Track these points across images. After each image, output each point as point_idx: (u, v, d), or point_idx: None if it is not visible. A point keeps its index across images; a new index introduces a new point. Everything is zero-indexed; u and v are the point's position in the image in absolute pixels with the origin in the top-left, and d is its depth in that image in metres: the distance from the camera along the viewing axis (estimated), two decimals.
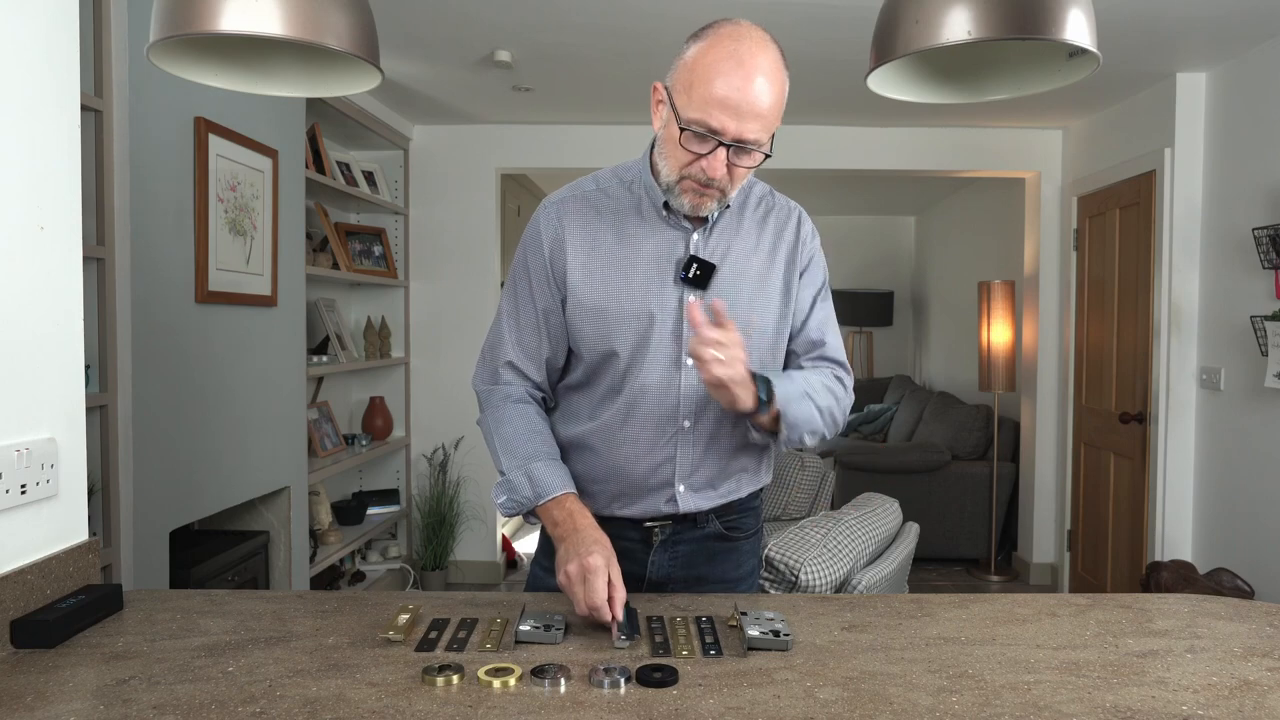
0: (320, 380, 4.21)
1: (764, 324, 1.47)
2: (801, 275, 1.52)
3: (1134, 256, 4.00)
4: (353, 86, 1.38)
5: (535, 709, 1.00)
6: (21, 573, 1.24)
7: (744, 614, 1.24)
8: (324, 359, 3.87)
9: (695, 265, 1.41)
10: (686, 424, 1.45)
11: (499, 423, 1.47)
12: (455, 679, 1.07)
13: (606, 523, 1.43)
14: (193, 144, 2.60)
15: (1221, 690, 1.06)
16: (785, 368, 1.54)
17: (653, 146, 1.44)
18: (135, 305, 2.34)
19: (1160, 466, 3.77)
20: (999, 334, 5.06)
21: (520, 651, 1.17)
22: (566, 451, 1.50)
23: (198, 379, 2.65)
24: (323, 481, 3.97)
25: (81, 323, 1.40)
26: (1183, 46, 3.34)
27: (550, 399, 1.57)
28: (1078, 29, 1.16)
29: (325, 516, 3.88)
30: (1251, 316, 3.22)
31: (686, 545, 1.52)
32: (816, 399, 1.43)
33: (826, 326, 1.55)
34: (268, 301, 3.02)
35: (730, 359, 1.26)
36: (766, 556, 1.96)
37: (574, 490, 1.41)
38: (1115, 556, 4.19)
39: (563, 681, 1.07)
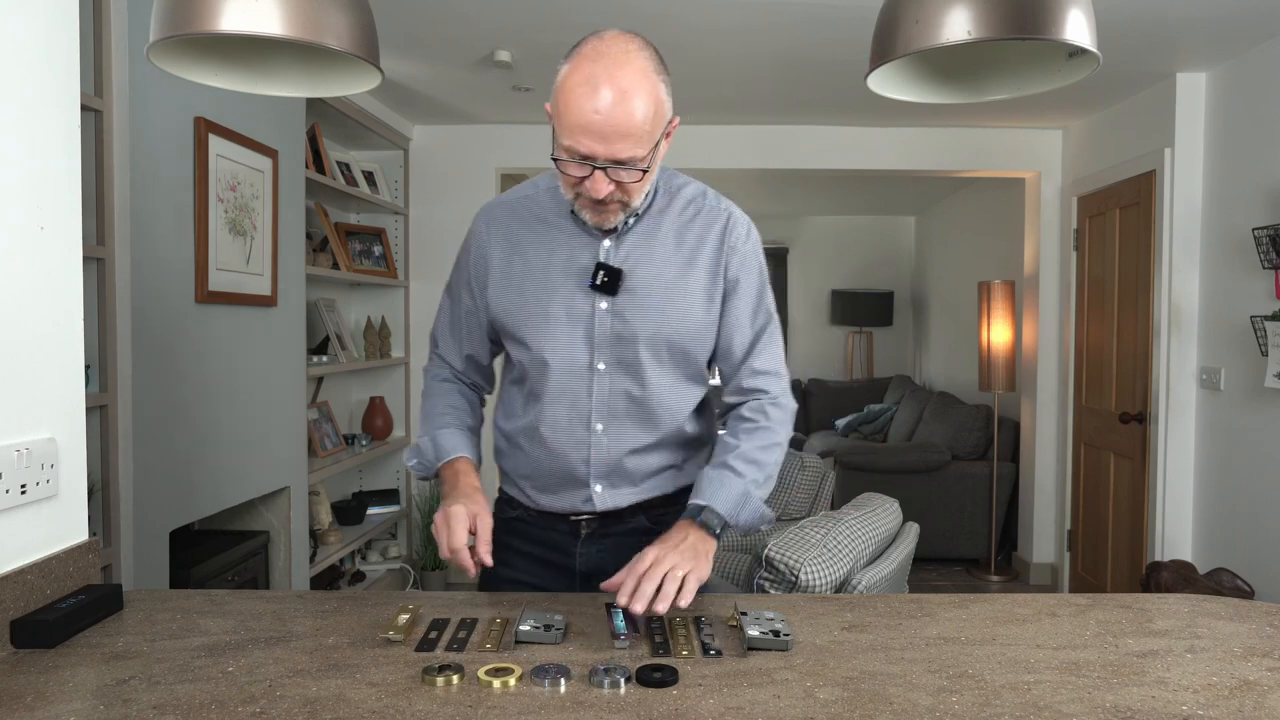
0: (320, 380, 4.21)
1: (678, 330, 1.46)
2: (731, 285, 1.50)
3: (1134, 256, 4.00)
4: (353, 86, 1.38)
5: (535, 709, 1.00)
6: (21, 573, 1.24)
7: (744, 614, 1.24)
8: (324, 359, 3.87)
9: (602, 272, 1.43)
10: (599, 427, 1.48)
11: (424, 397, 1.61)
12: (455, 679, 1.07)
13: (537, 516, 1.54)
14: (193, 144, 2.60)
15: (1221, 690, 1.06)
16: (721, 380, 1.57)
17: None
18: (135, 305, 2.34)
19: (1160, 466, 3.77)
20: (999, 334, 5.06)
21: (520, 651, 1.17)
22: (506, 445, 1.59)
23: (198, 379, 2.65)
24: (323, 481, 3.97)
25: (81, 323, 1.40)
26: (1183, 46, 3.34)
27: (485, 387, 1.67)
28: (1078, 29, 1.16)
29: (325, 516, 3.88)
30: (1251, 316, 3.22)
31: (614, 539, 1.56)
32: (758, 489, 1.45)
33: (760, 341, 1.53)
34: (268, 301, 3.02)
35: (677, 571, 1.25)
36: (766, 556, 1.96)
37: (470, 456, 1.50)
38: (1115, 556, 4.19)
39: (563, 681, 1.07)
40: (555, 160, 1.32)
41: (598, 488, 1.51)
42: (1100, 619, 1.33)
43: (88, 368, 2.16)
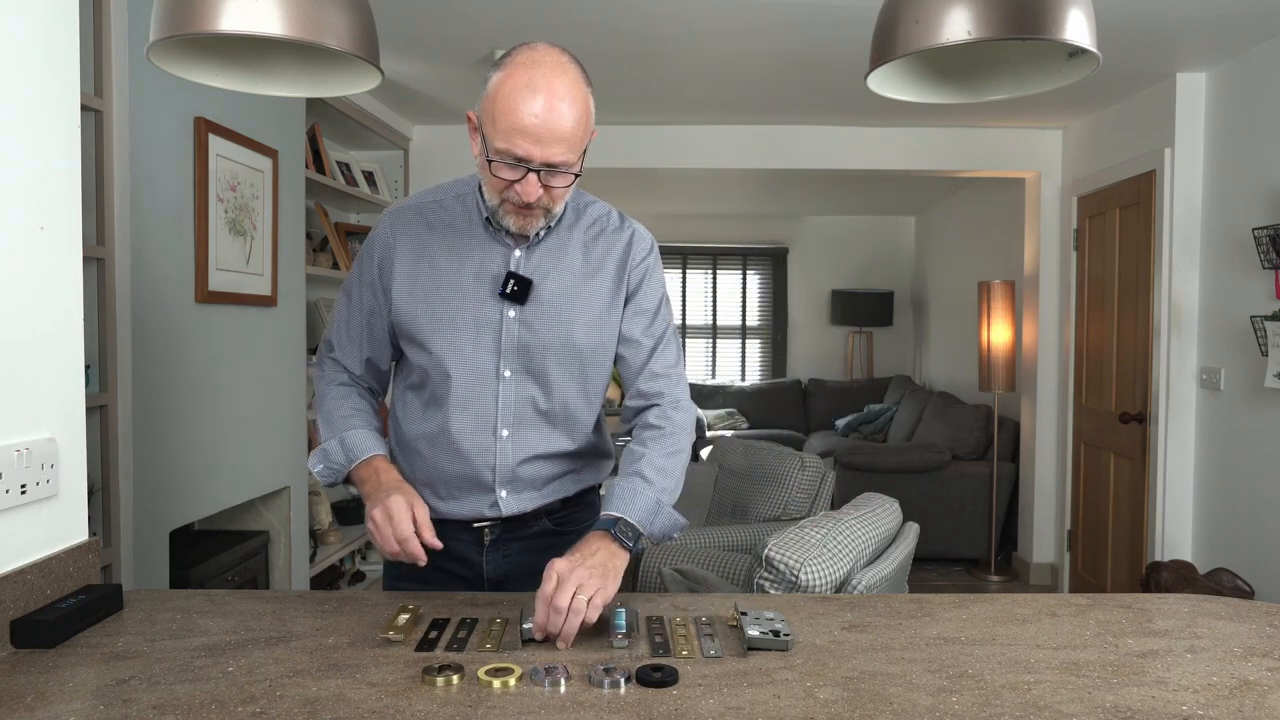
0: None
1: (584, 340, 1.50)
2: (631, 298, 1.54)
3: (1134, 256, 4.00)
4: (353, 86, 1.38)
5: (535, 709, 1.00)
6: (21, 573, 1.24)
7: (744, 614, 1.24)
8: None
9: (513, 281, 1.45)
10: (505, 433, 1.49)
11: (321, 400, 1.57)
12: (455, 679, 1.07)
13: (439, 524, 1.49)
14: (193, 144, 2.60)
15: (1221, 690, 1.06)
16: (623, 385, 1.59)
17: None
18: (135, 305, 2.34)
19: (1160, 466, 3.77)
20: (999, 334, 5.06)
21: (520, 652, 1.18)
22: (401, 451, 1.57)
23: (198, 379, 2.65)
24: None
25: (81, 323, 1.40)
26: (1183, 46, 3.34)
27: (380, 392, 1.64)
28: (1078, 29, 1.16)
29: (325, 516, 3.88)
30: (1251, 316, 3.22)
31: (519, 543, 1.57)
32: (668, 496, 1.45)
33: (659, 347, 1.56)
34: (268, 301, 3.02)
35: (587, 586, 1.23)
36: (766, 556, 1.96)
37: (384, 453, 1.48)
38: (1115, 556, 4.19)
39: (563, 681, 1.07)
40: (490, 162, 1.34)
41: (503, 493, 1.52)
42: (1100, 619, 1.33)
43: (88, 368, 2.16)
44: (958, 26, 1.16)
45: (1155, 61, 3.53)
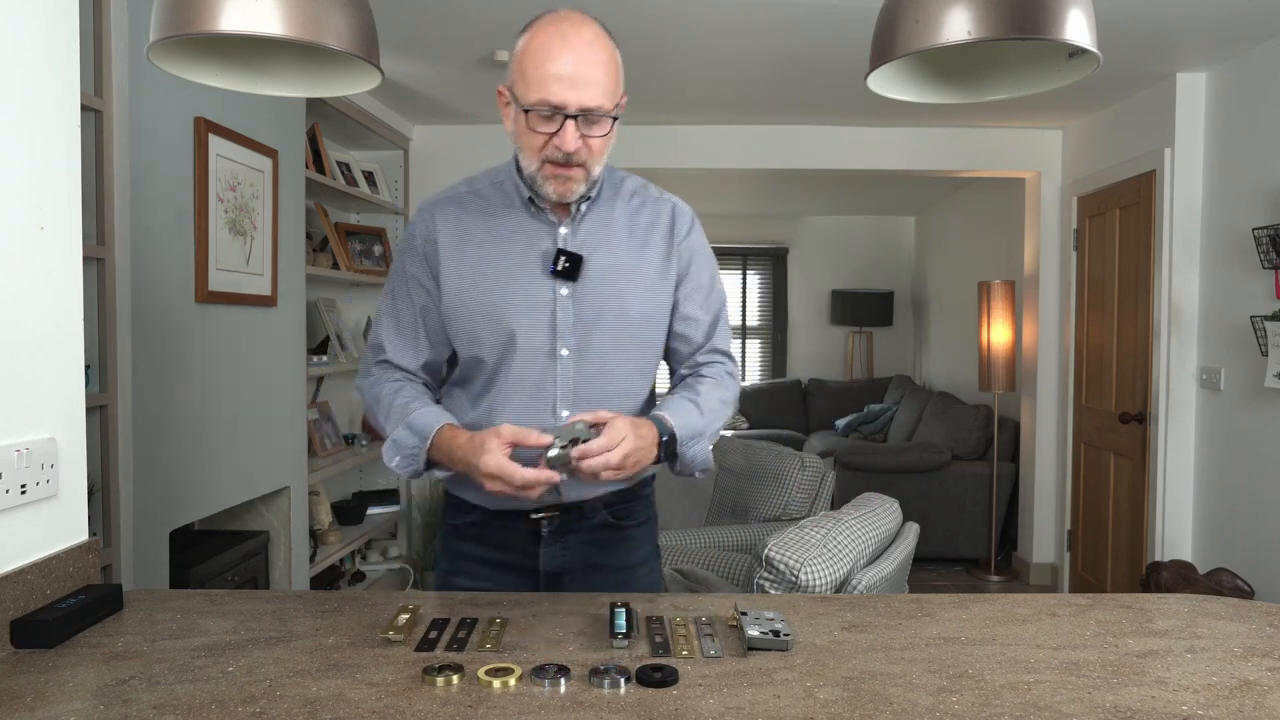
0: (320, 380, 4.21)
1: (638, 312, 1.49)
2: (684, 271, 1.54)
3: (1134, 256, 4.00)
4: (353, 86, 1.38)
5: (535, 709, 1.00)
6: (21, 573, 1.24)
7: (744, 614, 1.24)
8: (324, 359, 3.87)
9: (563, 258, 1.44)
10: (565, 414, 1.47)
11: (377, 400, 1.52)
12: (455, 679, 1.07)
13: (494, 518, 1.50)
14: (193, 144, 2.60)
15: (1221, 690, 1.06)
16: (674, 363, 1.60)
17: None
18: (135, 305, 2.34)
19: (1160, 466, 3.77)
20: (999, 334, 5.06)
21: (520, 652, 1.18)
22: None
23: (198, 379, 2.65)
24: (323, 481, 3.97)
25: (81, 323, 1.40)
26: (1183, 46, 3.34)
27: (437, 391, 1.60)
28: (1078, 29, 1.16)
29: (325, 516, 3.88)
30: (1251, 316, 3.22)
31: (576, 535, 1.55)
32: (711, 431, 1.48)
33: (718, 324, 1.58)
34: (268, 301, 3.02)
35: (628, 461, 1.30)
36: (766, 556, 1.96)
37: (451, 421, 1.45)
38: (1115, 556, 4.19)
39: (563, 681, 1.07)
40: (526, 114, 1.35)
41: (563, 477, 1.48)
42: (1100, 619, 1.33)
43: (88, 368, 2.16)
44: (958, 26, 1.16)
45: (1155, 61, 3.53)
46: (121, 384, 2.28)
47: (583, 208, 1.48)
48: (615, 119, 1.38)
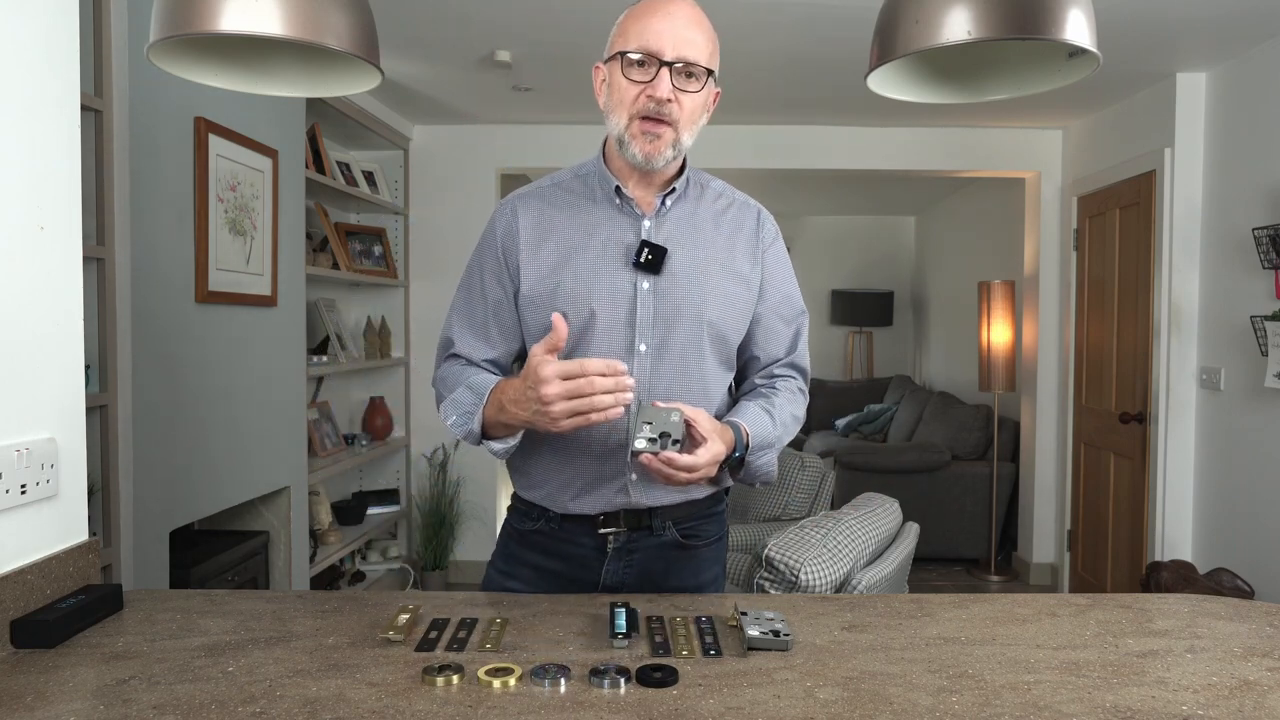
0: (320, 380, 4.21)
1: (720, 314, 1.46)
2: (768, 280, 1.52)
3: (1134, 256, 4.00)
4: (353, 86, 1.38)
5: (535, 709, 1.00)
6: (21, 573, 1.24)
7: (744, 614, 1.24)
8: (324, 359, 3.87)
9: (647, 250, 1.41)
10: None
11: (442, 380, 1.51)
12: (455, 679, 1.07)
13: (560, 526, 1.47)
14: (193, 144, 2.60)
15: (1221, 690, 1.06)
16: (750, 372, 1.56)
17: (605, 143, 1.49)
18: (135, 305, 2.34)
19: (1160, 466, 3.77)
20: (999, 334, 5.06)
21: (520, 652, 1.18)
22: (519, 454, 1.48)
23: (198, 379, 2.65)
24: (323, 481, 3.97)
25: (81, 323, 1.40)
26: (1183, 46, 3.34)
27: None
28: (1078, 29, 1.16)
29: (325, 516, 3.88)
30: (1251, 316, 3.22)
31: (641, 554, 1.50)
32: (782, 439, 1.46)
33: (799, 338, 1.57)
34: (268, 301, 3.02)
35: (699, 466, 1.28)
36: (766, 556, 1.96)
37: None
38: (1115, 556, 4.19)
39: (563, 681, 1.07)
40: (621, 60, 1.37)
41: (633, 475, 1.44)
42: (1100, 619, 1.33)
43: (88, 368, 2.16)
44: (958, 26, 1.16)
45: (1155, 61, 3.53)
46: (121, 384, 2.28)
47: (668, 202, 1.46)
48: (711, 76, 1.39)
